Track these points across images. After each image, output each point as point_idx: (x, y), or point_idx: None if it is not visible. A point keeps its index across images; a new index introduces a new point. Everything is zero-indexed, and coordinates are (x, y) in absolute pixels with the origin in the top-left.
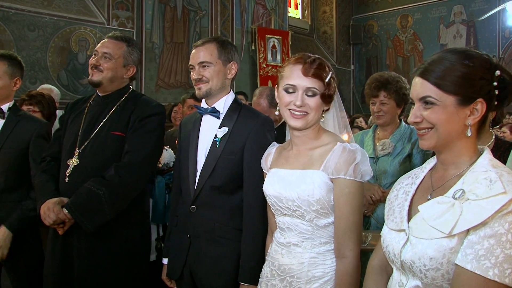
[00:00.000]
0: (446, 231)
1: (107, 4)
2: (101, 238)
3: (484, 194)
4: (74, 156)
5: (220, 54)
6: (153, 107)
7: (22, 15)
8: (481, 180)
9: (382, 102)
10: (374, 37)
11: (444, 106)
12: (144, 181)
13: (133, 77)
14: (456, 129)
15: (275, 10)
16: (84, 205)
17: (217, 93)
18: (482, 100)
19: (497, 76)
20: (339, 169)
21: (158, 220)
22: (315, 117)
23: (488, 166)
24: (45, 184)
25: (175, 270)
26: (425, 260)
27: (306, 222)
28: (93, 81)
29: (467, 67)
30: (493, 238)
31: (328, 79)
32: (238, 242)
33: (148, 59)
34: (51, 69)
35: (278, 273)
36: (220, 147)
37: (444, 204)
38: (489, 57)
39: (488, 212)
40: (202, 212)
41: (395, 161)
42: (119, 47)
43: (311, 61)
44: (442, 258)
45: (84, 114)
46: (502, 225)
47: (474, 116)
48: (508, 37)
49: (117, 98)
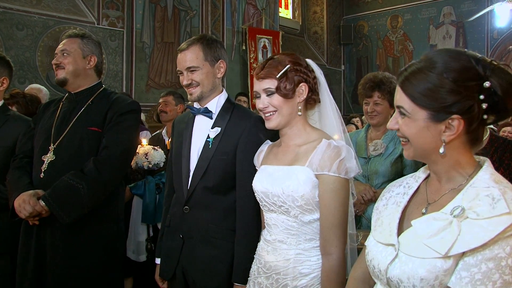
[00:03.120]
0: (442, 252)
1: (97, 4)
2: (74, 233)
3: (485, 213)
4: (49, 152)
5: (206, 55)
6: (130, 104)
7: (10, 14)
8: (482, 197)
9: (375, 102)
10: (364, 38)
11: (414, 119)
12: (122, 176)
13: (99, 70)
14: (429, 144)
15: (266, 10)
16: (63, 197)
17: (209, 94)
18: (459, 117)
19: (487, 88)
20: (323, 165)
21: (148, 220)
22: (286, 113)
23: (490, 182)
24: (18, 179)
25: (167, 270)
26: (415, 280)
27: (291, 218)
28: (58, 79)
29: (442, 81)
30: (492, 261)
31: (280, 74)
32: (231, 243)
33: (139, 59)
34: (40, 68)
35: (264, 271)
36: (212, 148)
37: (441, 221)
38: (478, 65)
39: (490, 233)
40: (195, 213)
41: (386, 162)
42: (73, 42)
43: (262, 64)
44: (434, 280)
45: (57, 111)
46: (503, 248)
47: (450, 133)
48: (497, 38)
49: (89, 95)
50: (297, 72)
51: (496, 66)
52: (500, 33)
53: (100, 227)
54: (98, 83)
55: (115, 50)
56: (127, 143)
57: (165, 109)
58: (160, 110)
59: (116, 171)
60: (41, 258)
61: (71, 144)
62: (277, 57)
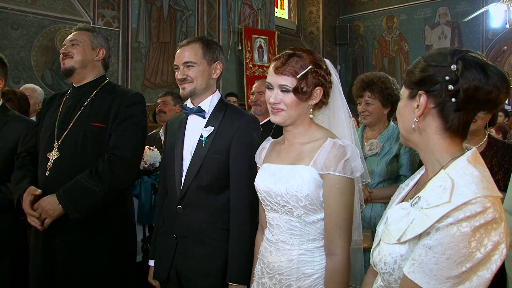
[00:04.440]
0: (396, 238)
1: (92, 3)
2: (84, 234)
3: (433, 202)
4: (54, 149)
5: (205, 54)
6: (133, 96)
7: (5, 13)
8: (436, 187)
9: (367, 102)
10: (360, 38)
11: (402, 99)
12: (134, 176)
13: (106, 64)
14: (408, 122)
15: (262, 10)
16: (78, 198)
17: (202, 92)
18: (423, 92)
19: (453, 71)
20: (329, 165)
21: (144, 221)
22: (295, 113)
23: (456, 171)
24: (21, 179)
25: (161, 272)
26: (381, 264)
27: (294, 218)
28: (65, 68)
29: (422, 62)
30: (433, 249)
31: (301, 75)
32: (225, 242)
33: (134, 59)
34: (35, 68)
35: (267, 271)
36: (206, 147)
37: (404, 210)
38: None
39: (429, 222)
40: (188, 212)
41: (382, 161)
42: (83, 34)
43: (284, 57)
44: (394, 264)
45: (60, 107)
46: (444, 236)
47: (417, 109)
48: (492, 38)
49: (92, 88)
50: (317, 75)
51: (466, 55)
52: (495, 34)
53: (110, 229)
54: (102, 76)
55: (111, 50)
56: (137, 142)
57: (164, 109)
58: (159, 110)
59: (130, 173)
60: (51, 257)
61: (74, 141)
62: (300, 54)
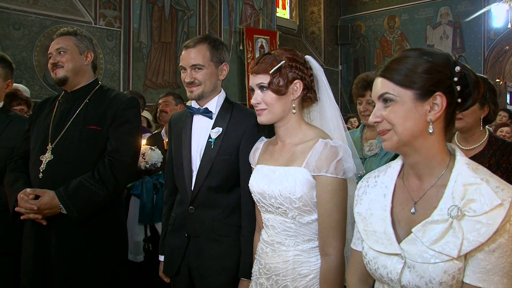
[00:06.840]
0: (454, 254)
1: (94, 3)
2: (80, 234)
3: (481, 209)
4: (47, 152)
5: (213, 56)
6: (129, 100)
7: (7, 14)
8: (472, 192)
9: (368, 101)
10: (361, 38)
11: (402, 102)
12: (132, 179)
13: (95, 66)
14: (418, 126)
15: (263, 10)
16: (82, 200)
17: (209, 94)
18: (441, 93)
19: (458, 72)
20: (321, 166)
21: (145, 221)
22: (278, 110)
23: (470, 172)
24: (15, 181)
25: (172, 267)
26: (433, 284)
27: (289, 220)
28: (59, 78)
29: (426, 62)
30: (497, 251)
31: (274, 69)
32: (238, 239)
33: (136, 59)
34: (37, 68)
35: (264, 272)
36: (215, 148)
37: (441, 223)
38: (448, 54)
39: (491, 228)
40: (200, 212)
41: (381, 162)
42: (67, 39)
43: (257, 59)
44: (452, 280)
45: (54, 111)
46: (502, 236)
47: (435, 111)
48: (493, 38)
49: (86, 93)
50: (292, 68)
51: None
52: (497, 34)
53: (103, 227)
54: (95, 80)
55: (112, 50)
56: (135, 145)
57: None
58: (161, 110)
59: (130, 176)
60: (44, 258)
61: (69, 144)
62: (273, 52)
